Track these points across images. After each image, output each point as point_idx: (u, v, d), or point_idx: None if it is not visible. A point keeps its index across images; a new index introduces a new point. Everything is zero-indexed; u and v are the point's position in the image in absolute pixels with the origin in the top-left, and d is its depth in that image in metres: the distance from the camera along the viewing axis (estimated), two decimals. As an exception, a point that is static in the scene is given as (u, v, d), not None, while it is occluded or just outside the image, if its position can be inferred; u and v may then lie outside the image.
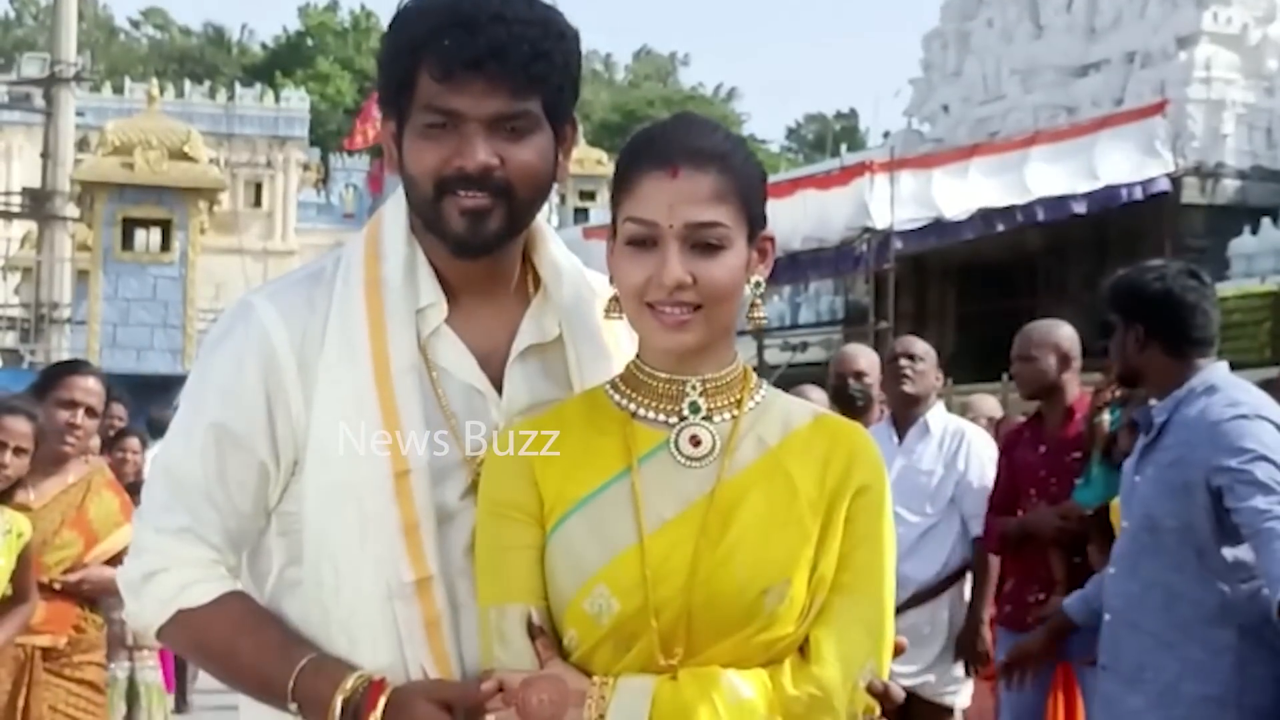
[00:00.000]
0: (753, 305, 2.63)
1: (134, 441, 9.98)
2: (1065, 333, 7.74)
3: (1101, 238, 31.57)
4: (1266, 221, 30.14)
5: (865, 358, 8.76)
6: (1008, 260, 32.57)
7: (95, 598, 6.79)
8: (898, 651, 2.59)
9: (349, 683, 2.55)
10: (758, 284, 2.61)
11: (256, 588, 2.78)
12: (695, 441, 2.56)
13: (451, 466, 2.65)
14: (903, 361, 8.11)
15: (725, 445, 2.56)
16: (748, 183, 2.57)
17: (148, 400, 15.31)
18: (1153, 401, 5.55)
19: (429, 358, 2.70)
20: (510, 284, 2.79)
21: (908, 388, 8.07)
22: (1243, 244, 30.02)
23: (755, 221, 2.58)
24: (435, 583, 2.60)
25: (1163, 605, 5.28)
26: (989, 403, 12.14)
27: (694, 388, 2.58)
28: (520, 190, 2.66)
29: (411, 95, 2.65)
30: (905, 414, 8.08)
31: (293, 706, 2.60)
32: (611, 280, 2.60)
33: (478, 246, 2.68)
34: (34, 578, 6.31)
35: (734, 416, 2.59)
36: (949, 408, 9.13)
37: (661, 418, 2.58)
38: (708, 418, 2.58)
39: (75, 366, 7.08)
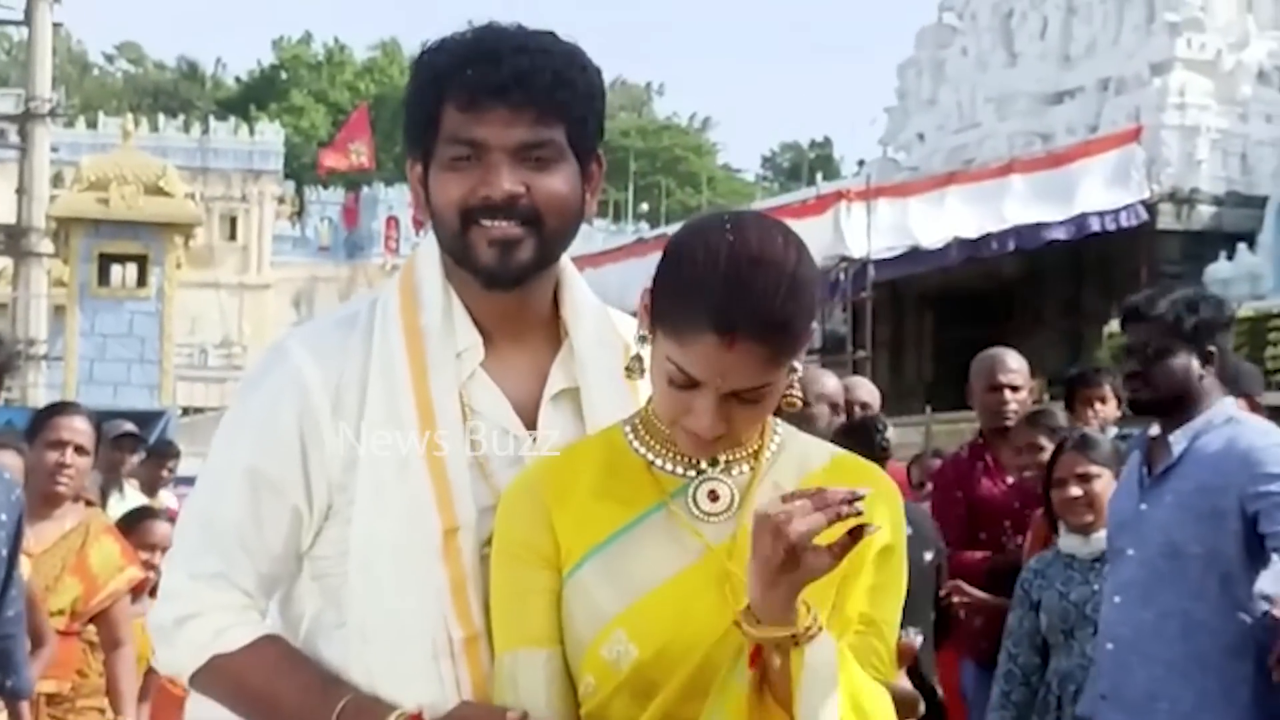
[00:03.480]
0: (790, 389, 2.50)
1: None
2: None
3: (1077, 265, 31.70)
4: (1242, 247, 30.26)
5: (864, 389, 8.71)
6: (984, 288, 32.64)
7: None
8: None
9: (391, 719, 2.55)
10: (792, 369, 2.49)
11: (290, 632, 2.76)
12: (714, 497, 2.52)
13: (487, 512, 2.62)
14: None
15: (744, 499, 2.52)
16: (803, 335, 2.46)
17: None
18: (1154, 430, 5.46)
19: (465, 402, 2.68)
20: (543, 327, 2.77)
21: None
22: (1218, 270, 30.12)
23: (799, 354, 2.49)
24: (481, 641, 2.58)
25: (1179, 634, 5.18)
26: None
27: None
28: (549, 219, 2.64)
29: (437, 130, 2.64)
30: None
31: None
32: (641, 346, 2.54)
33: (509, 278, 2.65)
34: (45, 619, 6.29)
35: (752, 468, 2.56)
36: (929, 436, 9.07)
37: (680, 470, 2.54)
38: (726, 470, 2.54)
39: (61, 408, 7.07)
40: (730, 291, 2.38)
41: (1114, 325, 28.26)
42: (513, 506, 2.56)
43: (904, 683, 2.63)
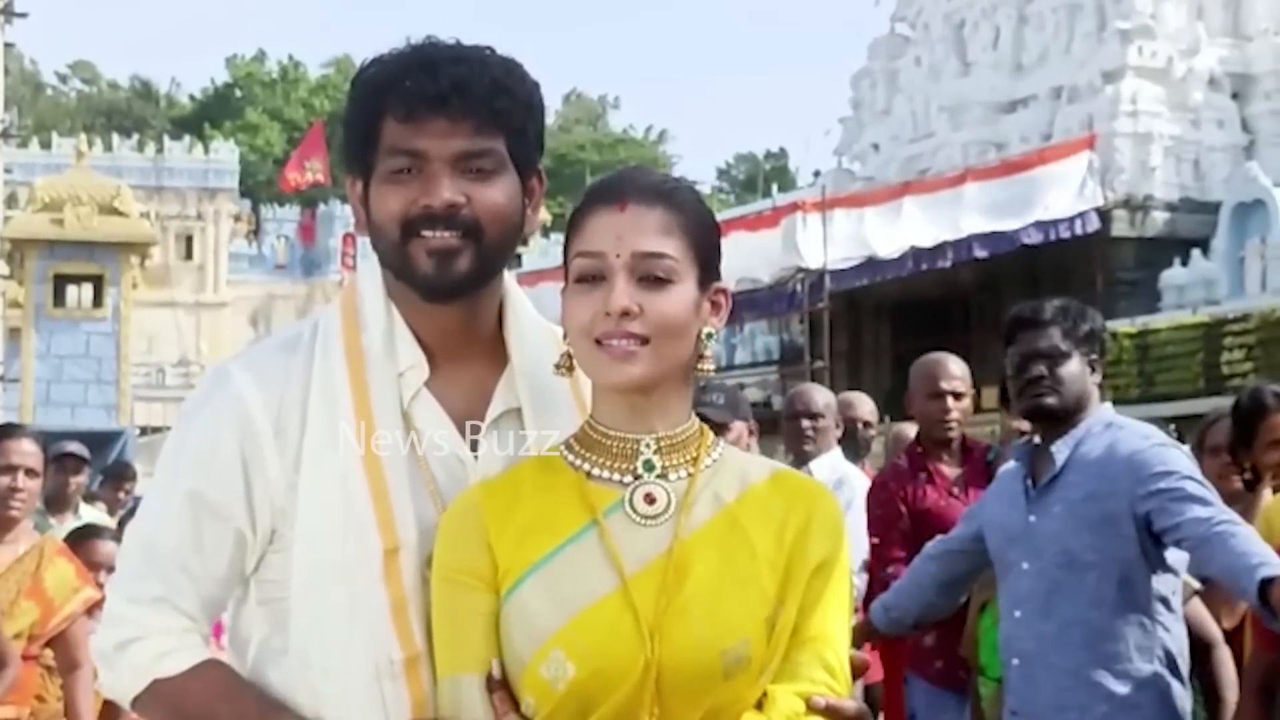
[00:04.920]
0: (701, 358, 2.58)
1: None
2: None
3: (1033, 272, 31.79)
4: (1196, 253, 30.44)
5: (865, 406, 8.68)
6: (941, 297, 32.75)
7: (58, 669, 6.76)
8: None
9: None
10: (709, 334, 2.58)
11: (238, 656, 2.76)
12: (650, 500, 2.52)
13: (429, 532, 2.60)
14: (804, 423, 7.81)
15: (681, 503, 2.52)
16: (697, 223, 2.56)
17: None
18: (1027, 436, 5.52)
19: (410, 423, 2.67)
20: (487, 346, 2.76)
21: (809, 448, 7.75)
22: (1173, 276, 30.31)
23: (706, 266, 2.56)
24: (422, 661, 2.57)
25: (1083, 643, 5.18)
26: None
27: (648, 445, 2.54)
28: (488, 230, 2.63)
29: (376, 144, 2.64)
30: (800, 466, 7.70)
31: None
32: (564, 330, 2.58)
33: (447, 288, 2.64)
34: (5, 639, 6.26)
35: (690, 474, 2.55)
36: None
37: (616, 477, 2.54)
38: (663, 476, 2.54)
39: (8, 431, 7.03)
40: (618, 175, 2.60)
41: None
42: (451, 530, 2.56)
43: (857, 698, 2.61)
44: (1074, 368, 5.34)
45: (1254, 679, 5.32)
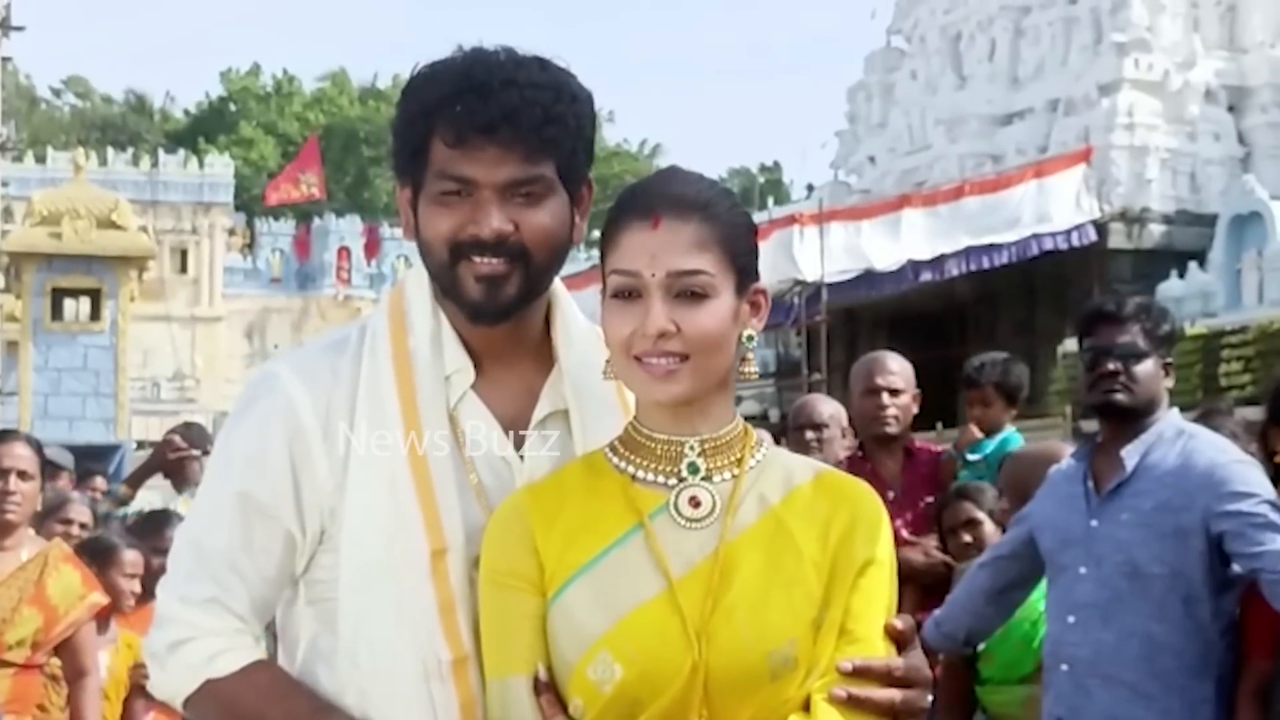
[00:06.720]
0: (743, 360, 2.59)
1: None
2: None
3: (1030, 285, 31.82)
4: (1193, 265, 30.43)
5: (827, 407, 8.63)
6: (938, 309, 32.74)
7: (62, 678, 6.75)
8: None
9: None
10: (749, 337, 2.58)
11: (287, 656, 2.77)
12: (695, 503, 2.53)
13: (476, 534, 2.62)
14: (808, 434, 7.66)
15: (726, 505, 2.53)
16: (732, 231, 2.55)
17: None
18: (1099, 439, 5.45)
19: (456, 425, 2.69)
20: (534, 349, 2.77)
21: (814, 459, 7.60)
22: (1170, 288, 30.29)
23: (744, 271, 2.56)
24: (470, 662, 2.58)
25: (1143, 655, 5.14)
26: None
27: (692, 448, 2.55)
28: (536, 255, 2.65)
29: (426, 162, 2.65)
30: None
31: None
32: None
33: (494, 312, 2.66)
34: None
35: (734, 476, 2.56)
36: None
37: (661, 479, 2.55)
38: (707, 478, 2.55)
39: (0, 436, 7.02)
40: (650, 184, 2.59)
41: (1069, 345, 28.44)
42: (498, 533, 2.57)
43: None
44: (1149, 368, 5.26)
45: (1249, 685, 5.29)
